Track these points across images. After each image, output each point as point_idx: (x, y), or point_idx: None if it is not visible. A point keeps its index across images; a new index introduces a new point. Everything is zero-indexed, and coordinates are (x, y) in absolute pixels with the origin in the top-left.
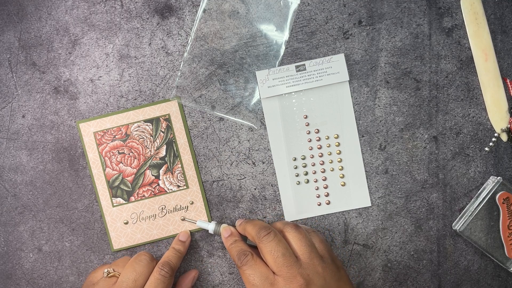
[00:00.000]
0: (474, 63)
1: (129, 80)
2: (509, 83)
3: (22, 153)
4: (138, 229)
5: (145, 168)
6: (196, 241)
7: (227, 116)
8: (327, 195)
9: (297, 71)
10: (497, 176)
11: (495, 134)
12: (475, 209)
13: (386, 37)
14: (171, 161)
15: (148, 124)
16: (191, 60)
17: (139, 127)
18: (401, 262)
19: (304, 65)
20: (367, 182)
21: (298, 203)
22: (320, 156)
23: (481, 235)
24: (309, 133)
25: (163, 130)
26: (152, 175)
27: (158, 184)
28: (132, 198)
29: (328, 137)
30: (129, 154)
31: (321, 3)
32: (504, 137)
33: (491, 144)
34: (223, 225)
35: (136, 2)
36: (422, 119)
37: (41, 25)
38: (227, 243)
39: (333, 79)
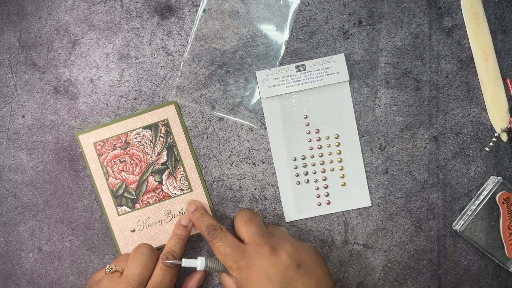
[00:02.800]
0: (474, 63)
1: (129, 80)
2: (509, 83)
3: (22, 153)
4: (146, 236)
5: (147, 174)
6: (196, 241)
7: (227, 116)
8: (327, 195)
9: (297, 71)
10: (497, 176)
11: (495, 134)
12: (475, 209)
13: (386, 37)
14: (173, 165)
15: (147, 130)
16: (191, 60)
17: (138, 134)
18: (401, 262)
19: (304, 65)
20: (367, 182)
21: (298, 203)
22: (320, 156)
23: (481, 235)
24: (309, 133)
25: (162, 135)
26: (155, 181)
27: (162, 190)
28: (137, 206)
29: (328, 137)
30: (130, 162)
31: (321, 3)
32: (504, 137)
33: (491, 144)
34: (189, 201)
35: (136, 2)
36: (422, 119)
37: (41, 25)
38: (194, 217)
39: (333, 79)
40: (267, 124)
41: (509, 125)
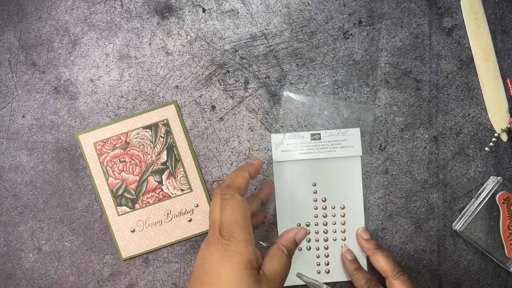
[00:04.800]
0: (474, 63)
1: (129, 80)
2: (509, 83)
3: (22, 153)
4: (145, 236)
5: (147, 174)
6: (196, 241)
7: None
8: (327, 263)
9: (311, 140)
10: (497, 176)
11: (495, 134)
12: (475, 209)
13: (386, 37)
14: (173, 165)
15: (147, 130)
16: (191, 60)
17: (138, 134)
18: (401, 262)
19: (319, 134)
20: (367, 182)
21: (297, 268)
22: (324, 225)
23: (481, 235)
24: (316, 200)
25: (162, 135)
26: (155, 181)
27: (162, 190)
28: (137, 206)
29: (334, 206)
30: (130, 162)
31: (321, 3)
32: (504, 137)
33: (491, 144)
34: (345, 247)
35: (136, 2)
36: (422, 119)
37: (41, 25)
38: (350, 267)
39: (346, 152)
40: (276, 186)
41: (509, 125)
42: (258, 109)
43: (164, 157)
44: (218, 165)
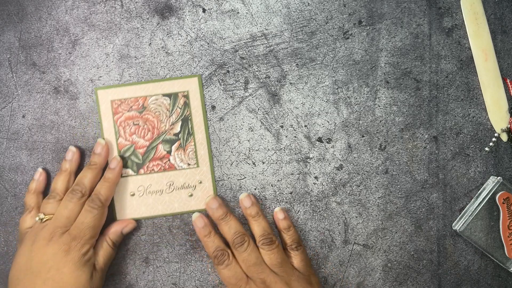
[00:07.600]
0: (474, 63)
1: (129, 80)
2: (509, 83)
3: (22, 153)
4: (143, 202)
5: (157, 142)
6: (196, 241)
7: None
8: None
9: None
10: (497, 176)
11: (495, 134)
12: (475, 209)
13: (386, 37)
14: (185, 138)
15: (166, 98)
16: (191, 60)
17: (157, 100)
18: (401, 262)
19: None
20: (367, 182)
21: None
22: None
23: (481, 235)
24: None
25: (180, 106)
26: (164, 150)
27: (169, 160)
28: (142, 171)
29: None
30: (143, 126)
31: (321, 3)
32: (504, 137)
33: (491, 144)
34: (196, 214)
35: (136, 2)
36: (422, 119)
37: (41, 25)
38: (201, 234)
39: None
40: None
41: (509, 125)
42: (258, 109)
43: (177, 128)
44: (218, 165)
